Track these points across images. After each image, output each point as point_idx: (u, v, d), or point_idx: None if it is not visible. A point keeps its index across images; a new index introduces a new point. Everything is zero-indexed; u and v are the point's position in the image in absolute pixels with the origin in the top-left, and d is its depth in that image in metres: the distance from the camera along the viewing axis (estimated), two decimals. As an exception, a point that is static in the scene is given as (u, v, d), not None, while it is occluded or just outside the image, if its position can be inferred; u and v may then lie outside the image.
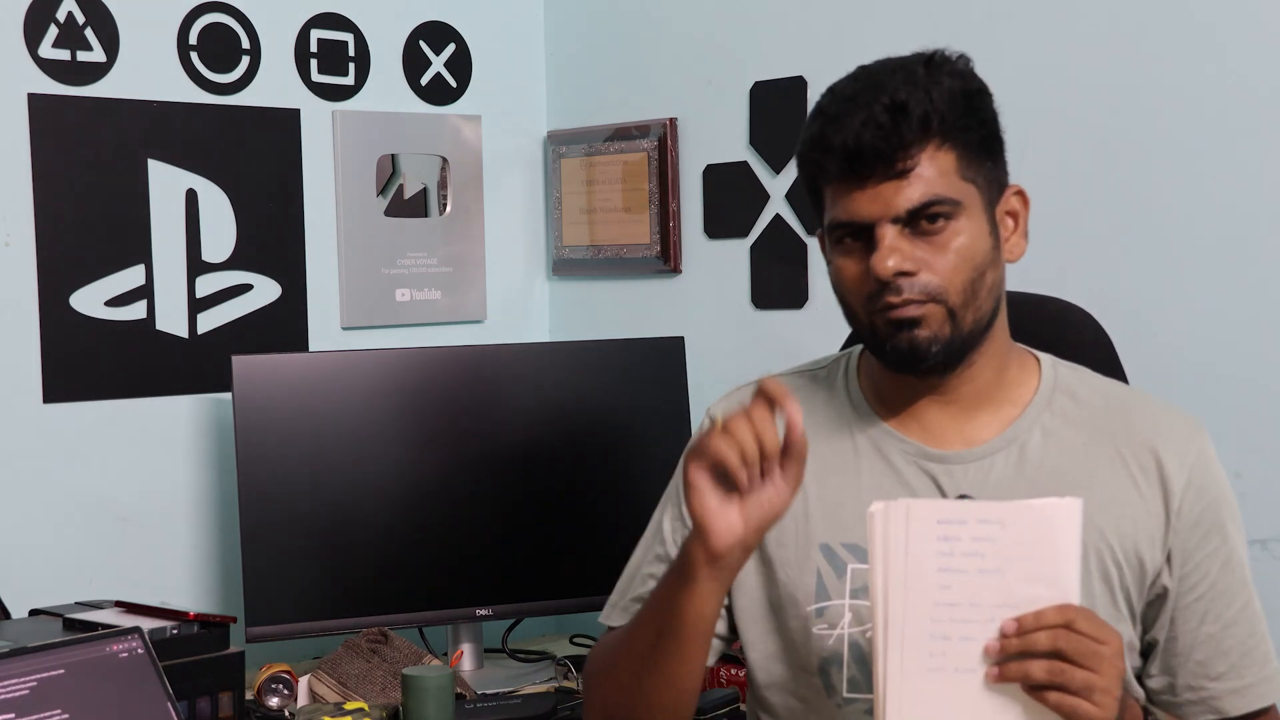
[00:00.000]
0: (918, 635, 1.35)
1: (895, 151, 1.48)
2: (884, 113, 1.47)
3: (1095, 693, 1.33)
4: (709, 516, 1.44)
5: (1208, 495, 1.58)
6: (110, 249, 2.58)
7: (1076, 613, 1.34)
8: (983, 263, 1.53)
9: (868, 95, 1.49)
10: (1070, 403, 1.61)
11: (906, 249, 1.49)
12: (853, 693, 1.58)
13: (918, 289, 1.50)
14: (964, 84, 1.53)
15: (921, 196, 1.49)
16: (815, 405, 1.66)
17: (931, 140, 1.49)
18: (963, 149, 1.51)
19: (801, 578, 1.61)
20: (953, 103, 1.50)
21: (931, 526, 1.35)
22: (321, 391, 2.57)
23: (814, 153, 1.53)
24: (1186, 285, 2.28)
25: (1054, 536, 1.35)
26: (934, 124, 1.49)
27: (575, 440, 2.70)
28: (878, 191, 1.49)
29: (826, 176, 1.53)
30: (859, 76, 1.54)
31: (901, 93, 1.48)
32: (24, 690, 1.75)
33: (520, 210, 3.13)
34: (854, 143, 1.48)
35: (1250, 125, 2.21)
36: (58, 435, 2.54)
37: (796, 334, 2.73)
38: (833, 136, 1.49)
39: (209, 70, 2.69)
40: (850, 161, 1.49)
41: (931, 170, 1.49)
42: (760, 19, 2.78)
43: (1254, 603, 1.60)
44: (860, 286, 1.54)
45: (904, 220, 1.50)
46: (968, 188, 1.52)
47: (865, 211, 1.50)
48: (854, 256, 1.54)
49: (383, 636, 2.51)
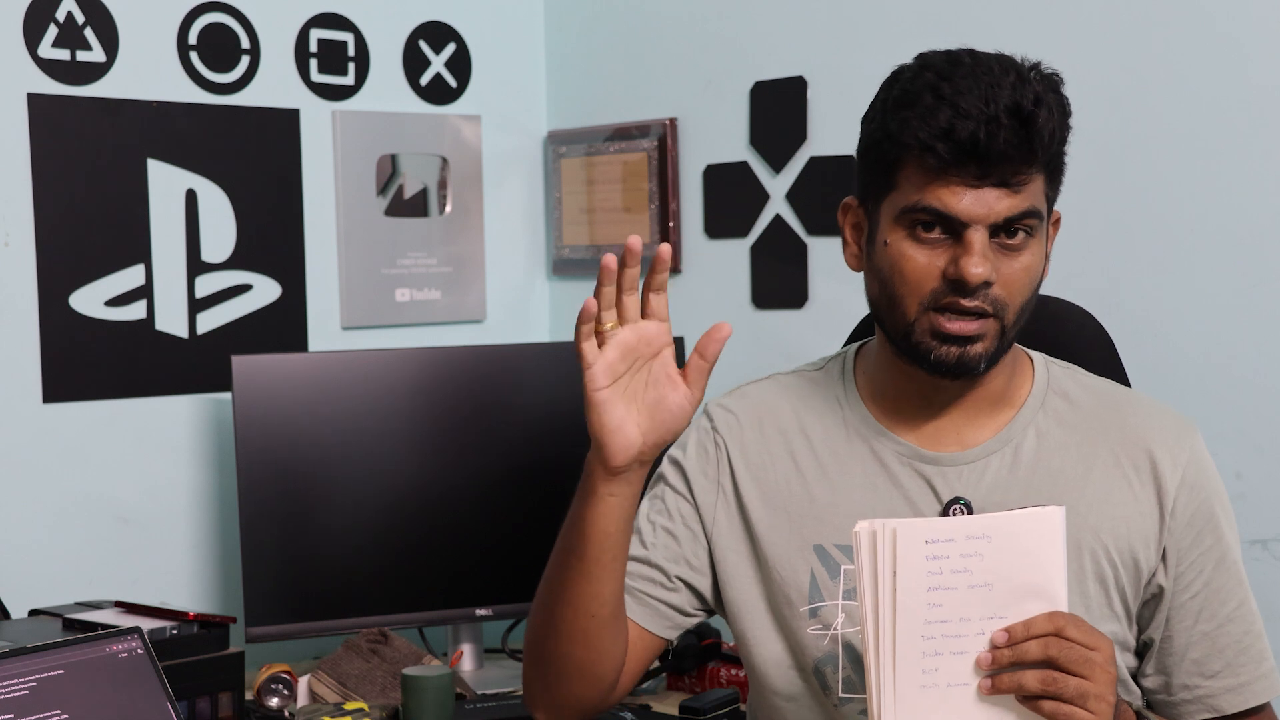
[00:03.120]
0: (909, 654, 1.35)
1: (1018, 162, 1.45)
2: (1010, 117, 1.43)
3: (1089, 699, 1.33)
4: (606, 433, 1.47)
5: (1201, 494, 1.58)
6: (110, 249, 2.58)
7: (1066, 620, 1.35)
8: (1038, 284, 1.53)
9: (988, 91, 1.43)
10: (1064, 403, 1.61)
11: (992, 258, 1.47)
12: (848, 693, 1.57)
13: (988, 300, 1.48)
14: (1065, 108, 1.50)
15: (1022, 209, 1.47)
16: (813, 405, 1.66)
17: (1043, 159, 1.47)
18: (1050, 173, 1.50)
19: (795, 578, 1.60)
20: (1063, 127, 1.49)
21: (919, 547, 1.35)
22: (321, 391, 2.57)
23: (922, 133, 1.45)
24: (1187, 285, 2.28)
25: (1039, 546, 1.35)
26: (1053, 146, 1.47)
27: (575, 440, 2.69)
28: (984, 194, 1.46)
29: (927, 159, 1.46)
30: (960, 61, 1.48)
31: (1026, 100, 1.44)
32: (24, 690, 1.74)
33: (520, 210, 3.13)
34: (985, 139, 1.43)
35: (1251, 125, 2.21)
36: (58, 435, 2.54)
37: (796, 334, 2.73)
38: (958, 125, 1.43)
39: (209, 70, 2.69)
40: (970, 157, 1.44)
41: (1034, 186, 1.48)
42: (760, 19, 2.78)
43: (1249, 601, 1.60)
44: (924, 280, 1.49)
45: (995, 228, 1.47)
46: (1045, 208, 1.51)
47: (966, 210, 1.46)
48: (928, 247, 1.48)
49: (383, 636, 2.51)
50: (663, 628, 1.66)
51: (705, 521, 1.67)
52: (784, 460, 1.64)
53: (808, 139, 2.71)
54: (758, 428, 1.67)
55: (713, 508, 1.66)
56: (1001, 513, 1.38)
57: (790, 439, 1.65)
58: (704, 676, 2.53)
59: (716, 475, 1.67)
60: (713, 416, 1.71)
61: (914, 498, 1.58)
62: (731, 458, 1.66)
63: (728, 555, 1.65)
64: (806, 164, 2.72)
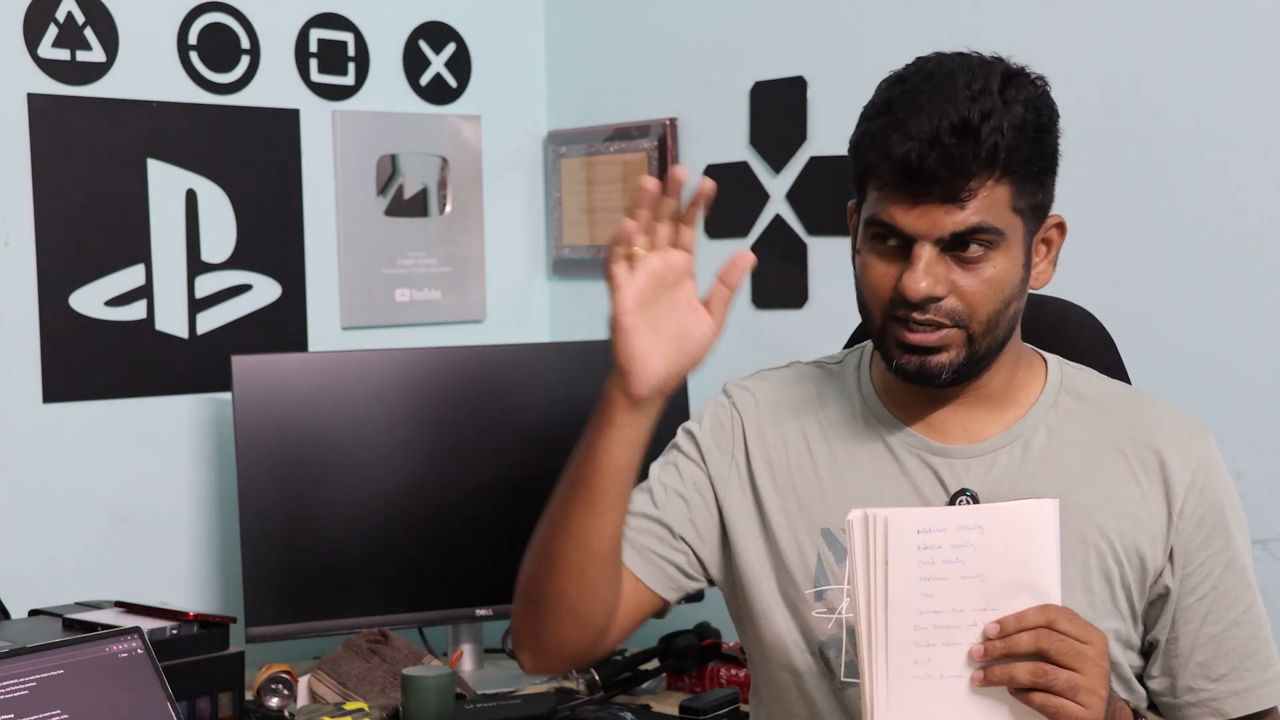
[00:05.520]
0: (902, 644, 1.36)
1: (956, 179, 1.45)
2: (951, 134, 1.44)
3: (1080, 692, 1.34)
4: (632, 360, 1.46)
5: (1211, 496, 1.58)
6: (110, 249, 2.58)
7: (1058, 613, 1.35)
8: (1010, 294, 1.52)
9: (938, 106, 1.44)
10: (1076, 403, 1.62)
11: (941, 272, 1.48)
12: (850, 677, 1.58)
13: (943, 312, 1.49)
14: (1035, 116, 1.49)
15: (969, 224, 1.47)
16: (829, 395, 1.68)
17: (994, 172, 1.46)
18: (1019, 183, 1.49)
19: (802, 561, 1.62)
20: (1022, 136, 1.47)
21: (911, 536, 1.35)
22: (321, 391, 2.57)
23: (871, 152, 1.49)
24: (1187, 285, 2.28)
25: (1032, 539, 1.36)
26: (1000, 158, 1.46)
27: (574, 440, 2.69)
28: (927, 210, 1.47)
29: (877, 179, 1.50)
30: (931, 74, 1.49)
31: (974, 114, 1.44)
32: (24, 690, 1.74)
33: (520, 210, 3.13)
34: (916, 160, 1.44)
35: (1252, 125, 2.21)
36: (58, 435, 2.53)
37: (796, 334, 2.73)
38: (895, 145, 1.45)
39: (209, 70, 2.69)
40: (907, 176, 1.46)
41: (985, 200, 1.47)
42: (760, 19, 2.78)
43: (1257, 605, 1.60)
44: (882, 288, 1.52)
45: (946, 243, 1.48)
46: (1014, 219, 1.50)
47: (910, 226, 1.48)
48: (885, 259, 1.52)
49: (383, 636, 2.50)
50: (662, 585, 1.66)
51: (717, 491, 1.68)
52: (797, 444, 1.66)
53: (808, 139, 2.71)
54: (774, 411, 1.69)
55: (725, 480, 1.67)
56: (994, 504, 1.39)
57: (805, 425, 1.67)
58: (704, 676, 2.53)
59: (731, 449, 1.68)
60: (731, 394, 1.72)
61: (922, 488, 1.59)
62: (747, 435, 1.68)
63: (738, 526, 1.66)
64: (806, 164, 2.72)
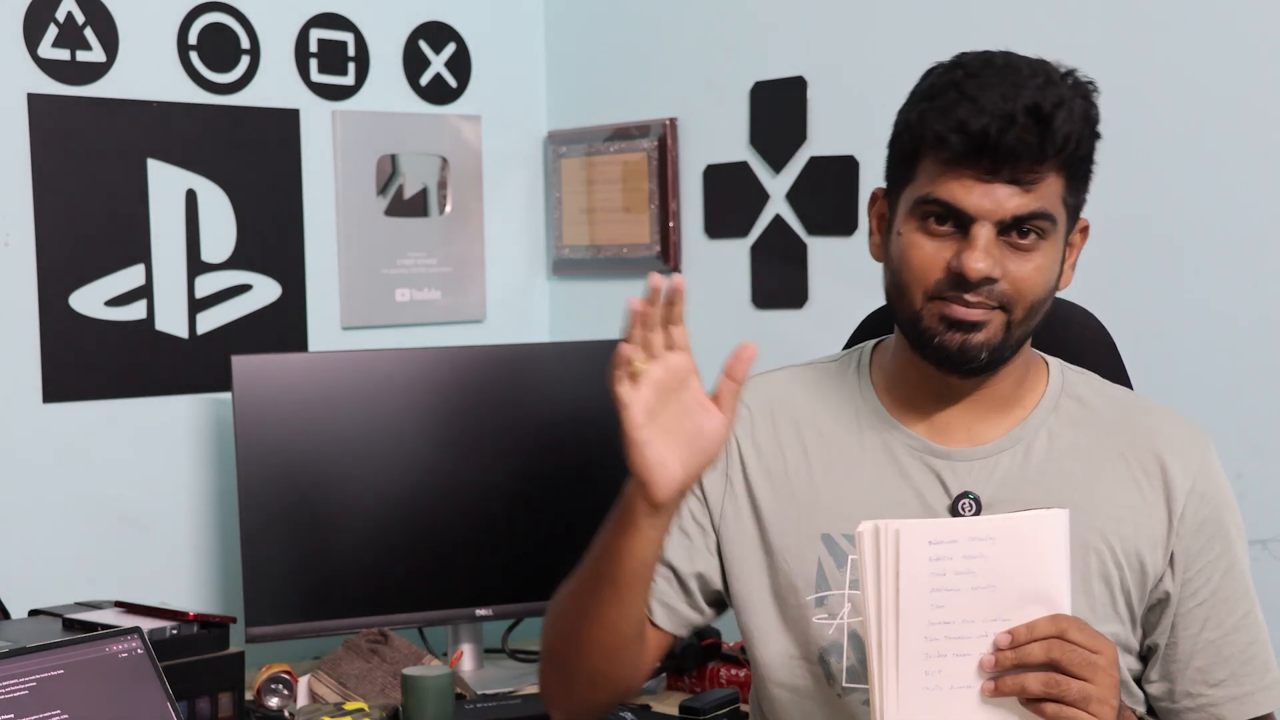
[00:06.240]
0: (912, 656, 1.35)
1: (1032, 161, 1.45)
2: (1027, 116, 1.44)
3: (1091, 702, 1.34)
4: (650, 471, 1.44)
5: (1211, 502, 1.58)
6: (110, 249, 2.58)
7: (1069, 623, 1.35)
8: (1052, 287, 1.53)
9: (1009, 89, 1.44)
10: (1077, 407, 1.62)
11: (997, 254, 1.48)
12: (852, 683, 1.58)
13: (994, 295, 1.49)
14: (1095, 116, 1.50)
15: (1032, 209, 1.47)
16: (827, 397, 1.67)
17: (1060, 161, 1.47)
18: (1072, 178, 1.50)
19: (802, 567, 1.61)
20: (1086, 131, 1.49)
21: (923, 548, 1.35)
22: (321, 391, 2.57)
23: (940, 124, 1.47)
24: (1188, 285, 2.28)
25: (1043, 548, 1.35)
26: (1069, 148, 1.47)
27: (575, 440, 2.70)
28: (994, 190, 1.46)
29: (941, 152, 1.47)
30: (991, 61, 1.49)
31: (1046, 101, 1.44)
32: (24, 690, 1.74)
33: (520, 210, 3.13)
34: (995, 135, 1.44)
35: (1253, 125, 2.21)
36: (58, 435, 2.53)
37: (796, 334, 2.73)
38: (971, 119, 1.44)
39: (209, 70, 2.69)
40: (982, 151, 1.45)
41: (1048, 188, 1.48)
42: (760, 19, 2.78)
43: (1256, 611, 1.60)
44: (929, 271, 1.50)
45: (1005, 225, 1.48)
46: (1063, 213, 1.51)
47: (972, 205, 1.47)
48: (935, 239, 1.50)
49: (383, 636, 2.51)
50: (673, 624, 1.68)
51: (713, 515, 1.67)
52: (794, 449, 1.65)
53: (808, 139, 2.71)
54: (769, 417, 1.68)
55: (720, 502, 1.67)
56: (1005, 515, 1.38)
57: (801, 429, 1.66)
58: (704, 676, 2.53)
59: (725, 468, 1.67)
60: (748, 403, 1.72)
61: (923, 491, 1.58)
62: (742, 450, 1.67)
63: (734, 550, 1.66)
64: (806, 164, 2.72)
